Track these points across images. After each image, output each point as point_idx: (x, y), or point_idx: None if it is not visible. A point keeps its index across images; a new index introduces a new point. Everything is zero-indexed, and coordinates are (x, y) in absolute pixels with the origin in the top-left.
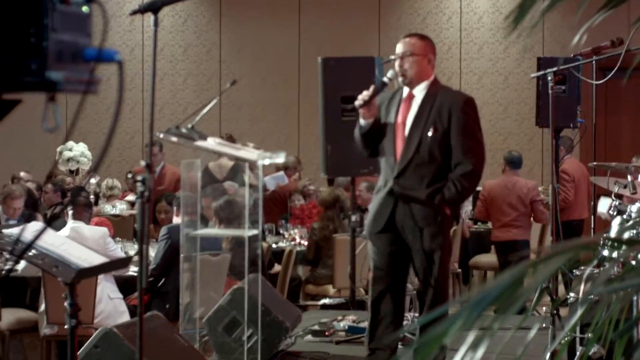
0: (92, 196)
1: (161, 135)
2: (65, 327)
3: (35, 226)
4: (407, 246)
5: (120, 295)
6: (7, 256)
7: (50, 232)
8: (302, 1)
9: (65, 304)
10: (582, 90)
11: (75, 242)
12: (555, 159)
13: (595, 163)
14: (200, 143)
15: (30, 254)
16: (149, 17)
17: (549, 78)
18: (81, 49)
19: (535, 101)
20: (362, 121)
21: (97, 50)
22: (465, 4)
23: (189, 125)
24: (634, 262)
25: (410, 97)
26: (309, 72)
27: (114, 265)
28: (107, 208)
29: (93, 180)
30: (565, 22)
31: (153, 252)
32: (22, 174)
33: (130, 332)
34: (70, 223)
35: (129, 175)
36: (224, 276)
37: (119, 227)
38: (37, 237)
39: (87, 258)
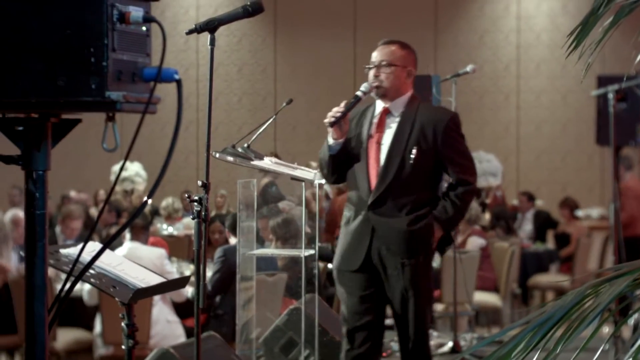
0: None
1: (217, 155)
2: (122, 347)
3: (92, 246)
4: (382, 285)
5: (177, 319)
6: (64, 276)
7: (107, 252)
8: (358, 18)
9: (123, 324)
10: None
11: (132, 262)
12: (616, 177)
13: None
14: (256, 162)
15: (87, 273)
16: (204, 37)
17: (610, 96)
18: (140, 68)
19: (594, 119)
20: (331, 141)
21: (156, 70)
22: (523, 22)
23: (245, 145)
24: None
25: (386, 112)
26: None
27: (172, 285)
28: (163, 228)
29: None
30: (625, 39)
31: (210, 272)
32: (72, 193)
33: (187, 352)
34: (128, 243)
35: (186, 195)
36: (280, 296)
37: (173, 247)
38: (96, 257)
39: (144, 278)
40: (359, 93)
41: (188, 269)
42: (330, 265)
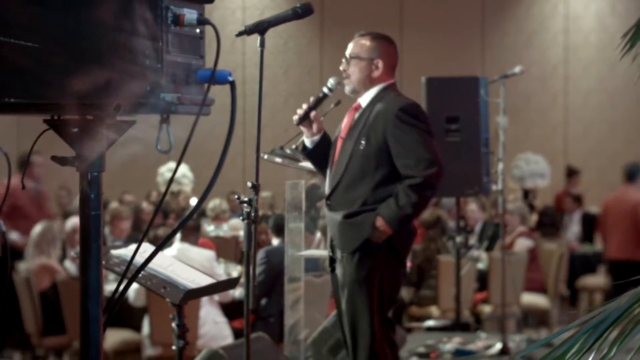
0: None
1: (265, 157)
2: (172, 347)
3: (144, 247)
4: None
5: (225, 319)
6: (111, 277)
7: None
8: (404, 20)
9: (173, 324)
10: None
11: (182, 263)
12: None
13: None
14: (304, 164)
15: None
16: (250, 39)
17: None
18: (194, 70)
19: None
20: (305, 140)
21: (209, 72)
22: (571, 22)
23: (293, 146)
24: None
25: (356, 108)
26: (411, 91)
27: (221, 286)
28: (210, 229)
29: (193, 201)
30: None
31: None
32: (128, 197)
33: (236, 353)
34: (178, 244)
35: (235, 196)
36: (327, 297)
37: (220, 248)
38: (150, 259)
39: (194, 279)
40: (325, 90)
41: (235, 270)
42: None
